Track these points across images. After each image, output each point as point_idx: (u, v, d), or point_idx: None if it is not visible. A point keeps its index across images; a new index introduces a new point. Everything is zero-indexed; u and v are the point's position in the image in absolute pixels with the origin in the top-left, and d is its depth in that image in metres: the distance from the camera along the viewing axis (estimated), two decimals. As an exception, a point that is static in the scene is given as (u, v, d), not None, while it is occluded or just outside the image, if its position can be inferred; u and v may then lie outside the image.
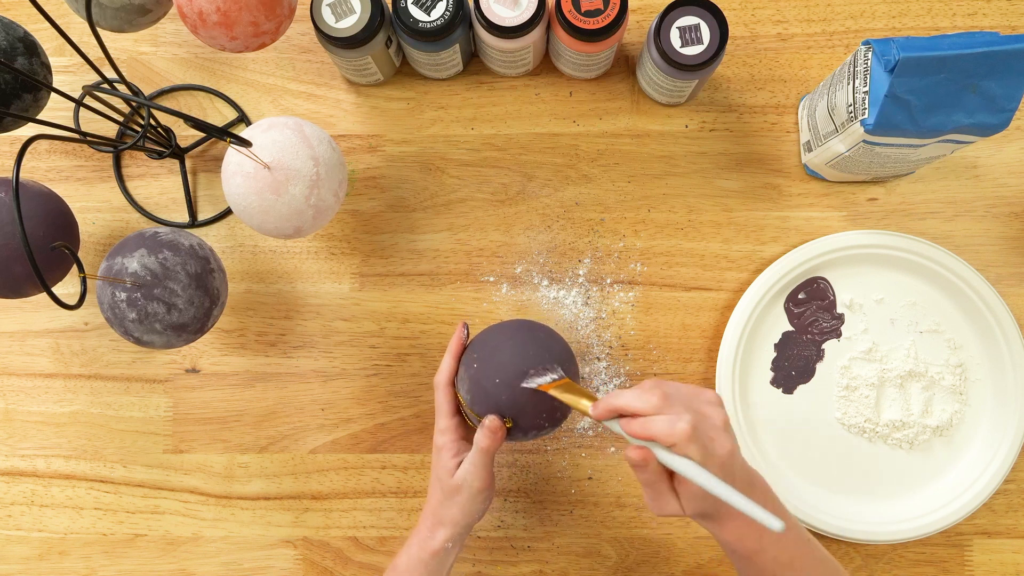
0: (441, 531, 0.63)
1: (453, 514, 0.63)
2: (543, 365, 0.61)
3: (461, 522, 0.63)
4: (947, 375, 0.73)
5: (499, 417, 0.61)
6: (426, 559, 0.62)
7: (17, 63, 0.61)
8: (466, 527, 0.63)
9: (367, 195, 0.77)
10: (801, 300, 0.74)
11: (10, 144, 0.79)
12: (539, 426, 0.63)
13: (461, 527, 0.63)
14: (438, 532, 0.63)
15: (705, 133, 0.76)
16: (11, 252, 0.62)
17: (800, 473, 0.73)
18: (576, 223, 0.76)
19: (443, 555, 0.63)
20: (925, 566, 0.73)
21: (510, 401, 0.61)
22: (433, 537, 0.63)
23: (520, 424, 0.62)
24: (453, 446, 0.63)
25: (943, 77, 0.59)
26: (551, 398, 0.60)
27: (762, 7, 0.77)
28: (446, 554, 0.63)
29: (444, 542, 0.62)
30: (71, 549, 0.76)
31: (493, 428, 0.61)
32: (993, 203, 0.75)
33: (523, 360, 0.61)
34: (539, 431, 0.63)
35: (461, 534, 0.63)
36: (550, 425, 0.63)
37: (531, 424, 0.62)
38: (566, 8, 0.67)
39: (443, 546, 0.62)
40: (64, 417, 0.76)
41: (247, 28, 0.58)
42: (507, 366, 0.61)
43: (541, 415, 0.62)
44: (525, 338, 0.63)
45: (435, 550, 0.62)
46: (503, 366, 0.61)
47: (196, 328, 0.62)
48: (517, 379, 0.60)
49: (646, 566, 0.74)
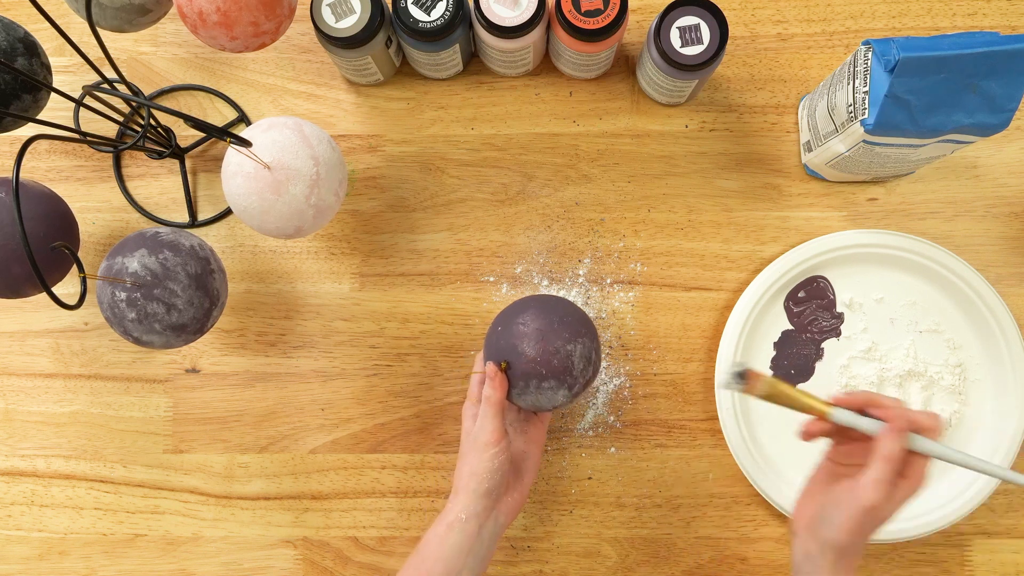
0: (455, 499, 0.61)
1: (464, 477, 0.61)
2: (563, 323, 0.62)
3: (471, 486, 0.61)
4: (946, 375, 0.73)
5: (496, 363, 0.62)
6: (441, 532, 0.60)
7: (17, 63, 0.62)
8: (480, 494, 0.60)
9: (367, 195, 0.77)
10: (801, 299, 0.74)
11: (10, 144, 0.79)
12: (535, 372, 0.61)
13: (472, 492, 0.60)
14: (452, 502, 0.61)
15: (705, 133, 0.76)
16: (11, 252, 0.62)
17: (799, 473, 0.73)
18: (576, 223, 0.76)
19: (457, 528, 0.60)
20: (925, 566, 0.73)
21: (506, 344, 0.62)
22: (448, 509, 0.61)
23: (515, 367, 0.61)
24: (473, 408, 0.64)
25: (943, 77, 0.59)
26: (543, 338, 0.61)
27: (762, 7, 0.77)
28: (461, 527, 0.60)
29: (458, 512, 0.60)
30: (71, 549, 0.76)
31: (491, 374, 0.61)
32: (993, 203, 0.75)
33: (522, 306, 0.63)
34: (541, 381, 0.61)
35: (475, 502, 0.60)
36: (548, 373, 0.61)
37: (526, 368, 0.61)
38: (566, 8, 0.67)
39: (456, 516, 0.60)
40: (64, 417, 0.76)
41: (247, 28, 0.58)
42: (509, 315, 0.63)
43: (535, 357, 0.61)
44: (535, 299, 0.65)
45: (449, 521, 0.60)
46: (505, 316, 0.64)
47: (195, 329, 0.62)
48: (514, 320, 0.62)
49: (646, 566, 0.74)
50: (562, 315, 0.63)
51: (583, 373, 0.63)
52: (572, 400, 0.64)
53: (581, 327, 0.63)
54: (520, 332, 0.62)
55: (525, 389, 0.62)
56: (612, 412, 0.75)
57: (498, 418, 0.61)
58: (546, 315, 0.63)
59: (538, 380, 0.62)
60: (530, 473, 0.66)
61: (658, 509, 0.74)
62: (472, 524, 0.60)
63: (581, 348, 0.62)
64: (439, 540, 0.60)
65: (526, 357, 0.61)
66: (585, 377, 0.63)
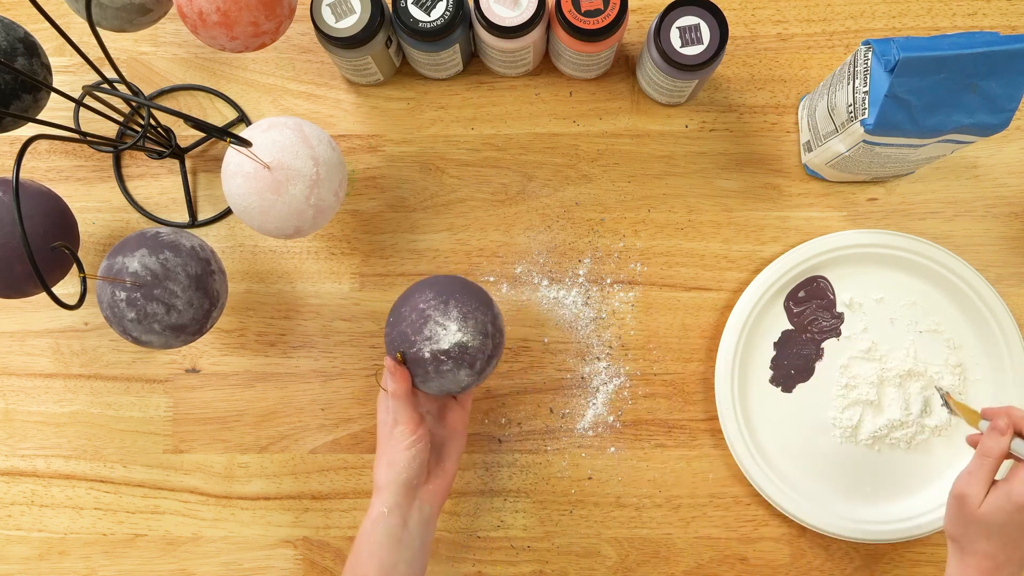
0: (376, 495, 0.62)
1: (382, 471, 0.62)
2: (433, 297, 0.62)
3: (389, 477, 0.61)
4: (946, 375, 0.73)
5: (392, 357, 0.62)
6: (367, 529, 0.61)
7: (17, 63, 0.62)
8: (400, 484, 0.61)
9: (367, 195, 0.77)
10: (801, 299, 0.74)
11: (10, 144, 0.79)
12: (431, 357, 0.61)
13: (391, 484, 0.61)
14: (374, 497, 0.62)
15: (705, 133, 0.76)
16: (11, 252, 0.62)
17: (799, 472, 0.73)
18: (576, 223, 0.76)
19: (381, 522, 0.60)
20: (925, 566, 0.73)
21: (398, 334, 0.62)
22: (372, 504, 0.62)
23: (408, 357, 0.61)
24: (386, 401, 0.64)
25: (943, 77, 0.59)
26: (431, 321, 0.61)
27: (762, 7, 0.77)
28: (384, 521, 0.60)
29: (379, 507, 0.61)
30: (71, 549, 0.76)
31: (390, 368, 0.62)
32: (993, 203, 0.75)
33: (412, 296, 0.63)
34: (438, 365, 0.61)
35: (395, 494, 0.61)
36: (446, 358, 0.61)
37: (418, 356, 0.61)
38: (566, 8, 0.67)
39: (379, 511, 0.60)
40: (64, 417, 0.76)
41: (247, 28, 0.58)
42: (398, 303, 0.64)
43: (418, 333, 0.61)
44: (425, 281, 0.65)
45: (373, 517, 0.61)
46: (396, 305, 0.64)
47: (195, 329, 0.62)
48: (402, 308, 0.62)
49: (646, 566, 0.74)
50: (450, 293, 0.62)
51: (482, 348, 0.62)
52: (481, 377, 0.63)
53: (471, 301, 0.63)
54: (409, 319, 0.62)
55: (426, 376, 0.62)
56: (612, 412, 0.75)
57: (408, 409, 0.62)
58: (432, 297, 0.62)
59: (435, 364, 0.61)
60: (452, 459, 0.66)
61: (658, 509, 0.74)
62: (395, 516, 0.61)
63: (473, 323, 0.62)
64: (367, 537, 0.61)
65: (419, 344, 0.61)
66: (485, 352, 0.62)
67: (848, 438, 0.73)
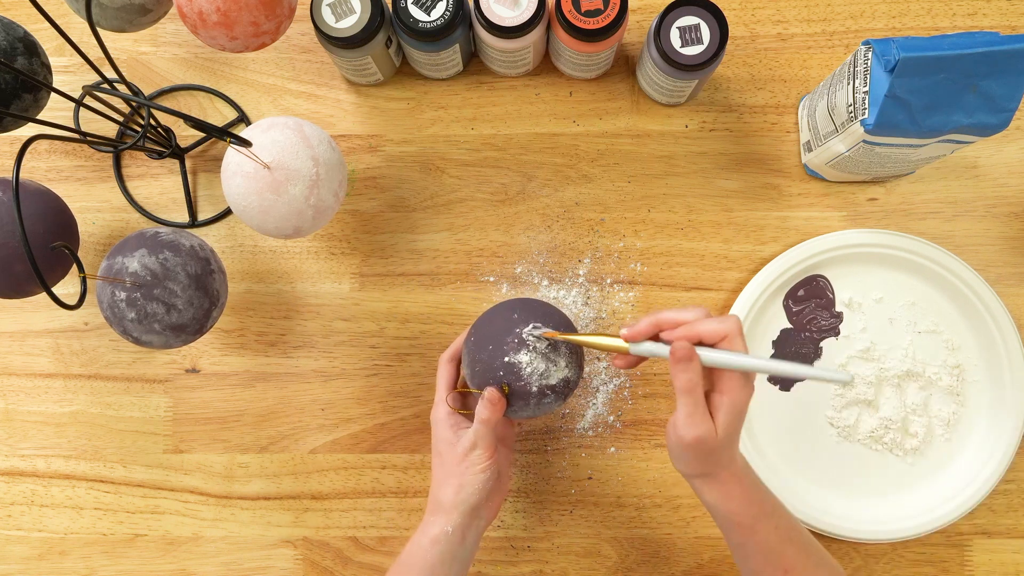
0: (440, 514, 0.60)
1: (450, 492, 0.60)
2: (533, 324, 0.60)
3: (459, 499, 0.60)
4: (944, 376, 0.73)
5: (496, 387, 0.60)
6: (425, 546, 0.60)
7: (17, 63, 0.61)
8: (466, 509, 0.60)
9: (367, 195, 0.77)
10: (800, 298, 0.74)
11: (10, 144, 0.79)
12: (538, 391, 0.60)
13: (460, 506, 0.60)
14: (436, 516, 0.61)
15: (705, 133, 0.76)
16: (11, 252, 0.62)
17: (797, 471, 0.73)
18: (576, 223, 0.76)
19: (443, 541, 0.59)
20: (925, 566, 0.73)
21: (504, 367, 0.60)
22: (431, 522, 0.60)
23: (515, 389, 0.60)
24: (450, 418, 0.63)
25: (943, 77, 0.59)
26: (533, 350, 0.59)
27: (762, 7, 0.77)
28: (447, 540, 0.59)
29: (443, 526, 0.60)
30: (71, 549, 0.76)
31: (492, 399, 0.60)
32: (993, 203, 0.75)
33: (514, 324, 0.61)
34: (541, 398, 0.61)
35: (461, 517, 0.60)
36: (551, 392, 0.61)
37: (526, 389, 0.60)
38: (566, 8, 0.67)
39: (442, 530, 0.59)
40: (64, 417, 0.76)
41: (247, 28, 0.58)
42: (500, 332, 0.61)
43: (529, 366, 0.60)
44: (517, 305, 0.63)
45: (434, 536, 0.60)
46: (496, 333, 0.61)
47: (195, 329, 0.62)
48: (510, 343, 0.60)
49: (646, 566, 0.74)
50: (556, 324, 0.61)
51: (576, 379, 0.63)
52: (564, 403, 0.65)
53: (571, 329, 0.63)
54: (519, 353, 0.60)
55: (525, 407, 0.62)
56: (612, 412, 0.75)
57: (492, 435, 0.61)
58: (539, 326, 0.61)
59: (539, 398, 0.61)
60: (507, 474, 0.66)
61: (658, 509, 0.74)
62: (457, 535, 0.60)
63: (576, 358, 0.62)
64: (423, 553, 0.60)
65: (527, 379, 0.60)
66: (577, 381, 0.63)
67: (845, 437, 0.73)
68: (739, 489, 0.56)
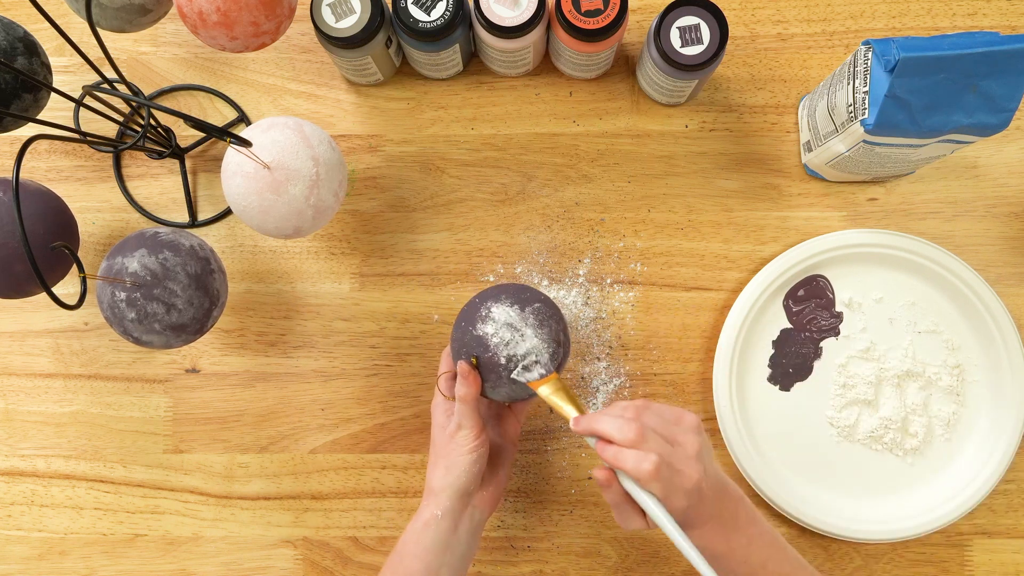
0: (431, 497, 0.61)
1: (439, 475, 0.61)
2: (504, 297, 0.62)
3: (447, 482, 0.60)
4: (944, 376, 0.73)
5: (466, 360, 0.61)
6: (418, 529, 0.60)
7: (17, 63, 0.62)
8: (454, 493, 0.60)
9: (367, 195, 0.77)
10: (800, 298, 0.74)
11: (10, 144, 0.79)
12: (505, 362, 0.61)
13: (448, 489, 0.60)
14: (427, 500, 0.61)
15: (705, 133, 0.76)
16: (11, 252, 0.62)
17: (796, 471, 0.73)
18: (576, 223, 0.76)
19: (433, 525, 0.60)
20: (925, 566, 0.73)
21: (473, 339, 0.61)
22: (423, 506, 0.61)
23: (484, 362, 0.61)
24: (443, 404, 0.63)
25: (943, 77, 0.59)
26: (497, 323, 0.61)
27: (762, 7, 0.77)
28: (437, 524, 0.60)
29: (432, 510, 0.60)
30: (71, 549, 0.76)
31: (463, 372, 0.61)
32: (993, 203, 0.75)
33: (485, 298, 0.62)
34: (511, 369, 0.61)
35: (451, 500, 0.60)
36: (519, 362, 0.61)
37: (496, 360, 0.61)
38: (566, 8, 0.67)
39: (432, 514, 0.60)
40: (64, 417, 0.76)
41: (247, 28, 0.58)
42: (472, 308, 0.63)
43: (493, 338, 0.61)
44: (495, 287, 0.64)
45: (425, 520, 0.60)
46: (469, 310, 0.63)
47: (195, 329, 0.62)
48: (477, 313, 0.62)
49: (646, 566, 0.74)
50: (525, 300, 0.63)
51: (553, 357, 0.62)
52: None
53: (546, 309, 0.63)
54: (484, 324, 0.62)
55: (498, 382, 0.62)
56: (612, 412, 0.75)
57: (474, 414, 0.61)
58: (508, 303, 0.62)
59: (509, 371, 0.61)
60: (504, 467, 0.66)
61: (658, 509, 0.74)
62: (447, 521, 0.60)
63: (547, 331, 0.62)
64: (415, 538, 0.60)
65: (495, 350, 0.61)
66: (556, 360, 0.63)
67: (845, 437, 0.73)
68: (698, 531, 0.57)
